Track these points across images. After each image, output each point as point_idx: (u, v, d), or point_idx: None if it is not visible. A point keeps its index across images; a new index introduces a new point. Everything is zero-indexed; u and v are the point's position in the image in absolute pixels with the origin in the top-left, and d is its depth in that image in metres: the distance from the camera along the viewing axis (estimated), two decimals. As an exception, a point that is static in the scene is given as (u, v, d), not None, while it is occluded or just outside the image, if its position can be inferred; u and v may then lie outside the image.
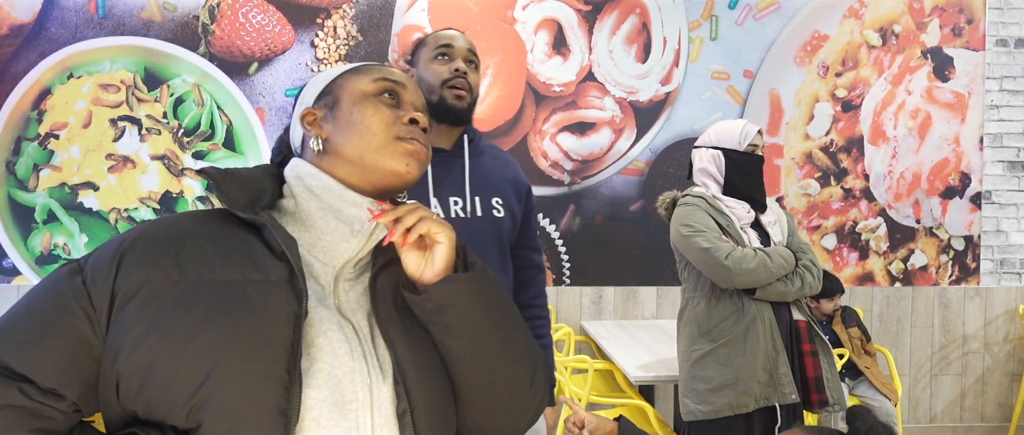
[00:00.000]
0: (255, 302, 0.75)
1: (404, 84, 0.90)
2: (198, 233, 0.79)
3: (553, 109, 3.62)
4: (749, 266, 1.97)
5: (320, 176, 0.84)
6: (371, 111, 0.85)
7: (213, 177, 0.81)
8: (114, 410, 0.75)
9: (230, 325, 0.73)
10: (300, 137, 0.90)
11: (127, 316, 0.72)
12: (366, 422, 0.76)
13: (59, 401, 0.72)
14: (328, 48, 3.51)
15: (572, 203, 3.65)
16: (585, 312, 3.66)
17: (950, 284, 3.83)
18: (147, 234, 0.77)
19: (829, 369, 2.11)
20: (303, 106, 0.90)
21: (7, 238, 3.39)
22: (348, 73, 0.90)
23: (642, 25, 3.66)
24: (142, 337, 0.71)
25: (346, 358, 0.77)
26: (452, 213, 1.49)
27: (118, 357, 0.72)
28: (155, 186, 3.44)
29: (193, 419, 0.71)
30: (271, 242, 0.80)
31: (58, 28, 3.38)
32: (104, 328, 0.73)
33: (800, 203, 3.76)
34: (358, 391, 0.77)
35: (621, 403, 2.82)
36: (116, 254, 0.75)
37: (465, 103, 1.49)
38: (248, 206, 0.81)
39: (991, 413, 3.86)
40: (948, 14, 3.79)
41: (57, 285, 0.75)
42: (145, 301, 0.73)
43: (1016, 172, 3.85)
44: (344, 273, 0.84)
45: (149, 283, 0.73)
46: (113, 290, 0.73)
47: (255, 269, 0.77)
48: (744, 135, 2.14)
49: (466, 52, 1.52)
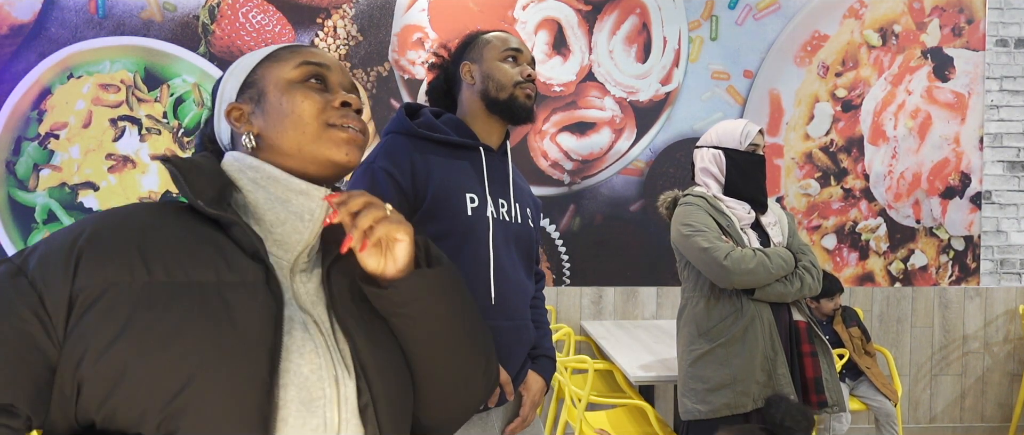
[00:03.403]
0: (234, 305, 0.71)
1: (329, 66, 0.86)
2: (159, 228, 0.74)
3: (553, 109, 3.62)
4: (748, 266, 1.97)
5: (263, 167, 0.81)
6: (300, 98, 0.82)
7: (178, 167, 0.77)
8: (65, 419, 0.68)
9: (210, 329, 0.69)
10: (228, 133, 0.86)
11: (91, 320, 0.67)
12: (333, 418, 0.74)
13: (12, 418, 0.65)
14: (328, 48, 3.51)
15: (572, 203, 3.65)
16: (585, 312, 3.66)
17: (950, 284, 3.83)
18: (103, 230, 0.71)
19: (828, 370, 2.11)
20: (226, 101, 0.86)
21: (7, 238, 3.39)
22: (267, 61, 0.85)
23: (642, 25, 3.66)
24: (111, 342, 0.66)
25: (311, 355, 0.75)
26: (501, 215, 1.49)
27: (81, 364, 0.66)
28: (155, 186, 3.45)
29: (165, 427, 0.66)
30: (239, 240, 0.77)
31: (58, 28, 3.38)
32: (62, 333, 0.67)
33: (800, 203, 3.76)
34: (325, 388, 0.75)
35: (621, 403, 2.82)
36: (71, 253, 0.69)
37: (532, 103, 1.53)
38: (215, 201, 0.77)
39: (991, 413, 3.86)
40: (948, 14, 3.79)
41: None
42: (112, 304, 0.67)
43: (1016, 172, 3.84)
44: (298, 264, 0.82)
45: (115, 285, 0.68)
46: (72, 293, 0.67)
47: (228, 269, 0.74)
48: (745, 135, 2.14)
49: (530, 59, 1.56)
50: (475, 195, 1.45)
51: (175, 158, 0.78)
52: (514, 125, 1.55)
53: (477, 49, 1.54)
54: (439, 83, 1.61)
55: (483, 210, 1.45)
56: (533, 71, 1.53)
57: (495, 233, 1.46)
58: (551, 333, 1.66)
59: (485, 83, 1.50)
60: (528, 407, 1.53)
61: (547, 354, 1.60)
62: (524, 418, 1.52)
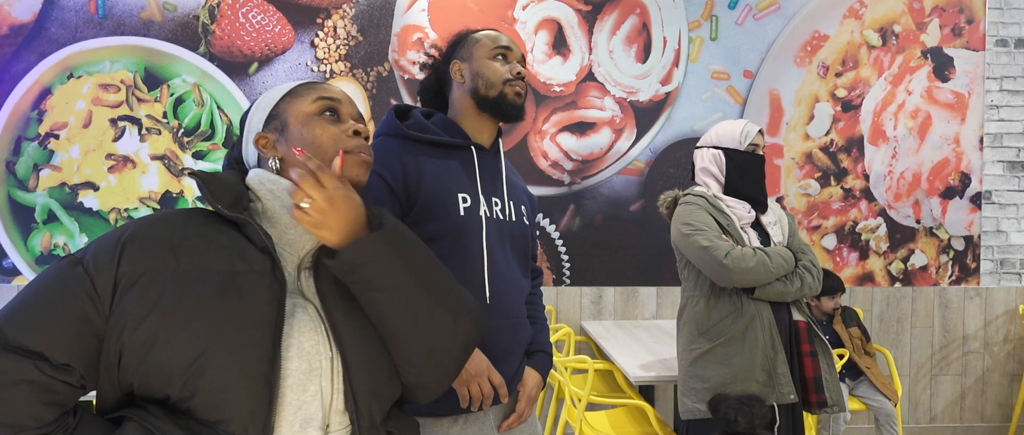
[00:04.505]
0: (243, 288, 0.88)
1: (340, 99, 1.02)
2: (189, 227, 0.91)
3: (553, 109, 3.62)
4: (748, 265, 1.97)
5: (280, 180, 0.98)
6: (318, 130, 0.98)
7: (203, 179, 0.93)
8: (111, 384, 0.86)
9: (223, 307, 0.85)
10: (255, 156, 1.03)
11: (130, 299, 0.83)
12: (327, 386, 0.92)
13: (70, 375, 0.82)
14: (328, 48, 3.51)
15: (572, 203, 3.65)
16: (585, 312, 3.66)
17: (950, 284, 3.83)
18: (144, 228, 0.88)
19: (828, 370, 2.11)
20: (253, 131, 1.02)
21: (7, 238, 3.39)
22: (288, 96, 1.02)
23: (642, 25, 3.66)
24: (144, 317, 0.83)
25: (312, 334, 0.92)
26: (494, 214, 1.49)
27: (122, 334, 0.83)
28: (155, 186, 3.45)
29: (189, 388, 0.83)
30: (252, 237, 0.93)
31: (58, 28, 3.38)
32: (107, 309, 0.84)
33: (800, 203, 3.76)
34: (322, 361, 0.92)
35: (621, 403, 2.82)
36: (117, 246, 0.86)
37: (522, 101, 1.53)
38: (233, 205, 0.94)
39: (991, 413, 3.86)
40: (948, 14, 3.79)
41: (60, 274, 0.85)
42: (146, 286, 0.84)
43: (1016, 172, 3.84)
44: (305, 262, 0.97)
45: (150, 271, 0.85)
46: (116, 277, 0.84)
47: (241, 260, 0.90)
48: (745, 135, 2.14)
49: (520, 57, 1.56)
50: (467, 195, 1.45)
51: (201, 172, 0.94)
52: (505, 123, 1.55)
53: (467, 48, 1.54)
54: (430, 83, 1.61)
55: (476, 209, 1.45)
56: (523, 69, 1.53)
57: (488, 232, 1.46)
58: (548, 328, 1.65)
59: (475, 81, 1.50)
60: (524, 402, 1.52)
61: (543, 349, 1.60)
62: (520, 414, 1.52)
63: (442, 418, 1.43)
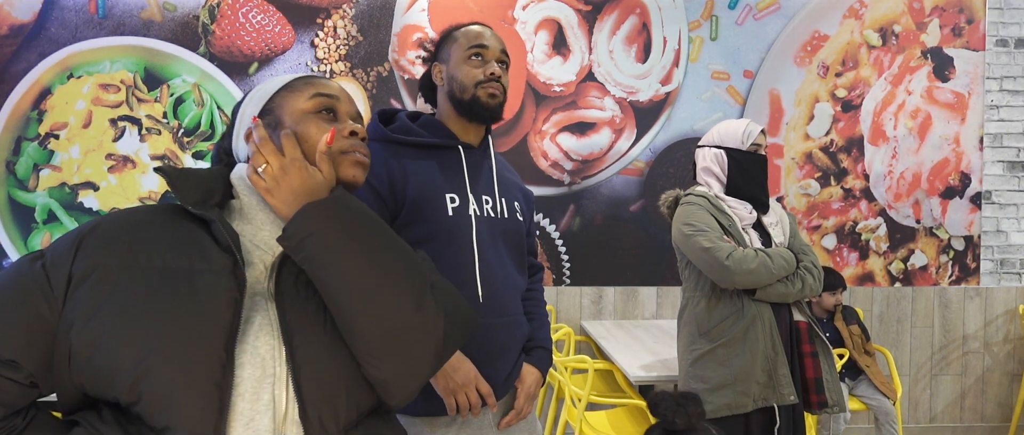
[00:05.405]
0: (199, 288, 0.82)
1: (338, 97, 0.97)
2: (152, 223, 0.87)
3: (553, 109, 3.62)
4: (750, 266, 1.97)
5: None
6: (314, 129, 0.93)
7: (169, 175, 0.90)
8: (66, 384, 0.82)
9: (172, 307, 0.80)
10: (245, 151, 0.97)
11: (81, 295, 0.80)
12: (281, 394, 0.84)
13: (16, 372, 0.79)
14: (328, 48, 3.51)
15: (572, 203, 3.65)
16: (585, 312, 3.66)
17: (950, 284, 3.83)
18: (105, 223, 0.86)
19: (829, 370, 2.11)
20: (245, 125, 0.97)
21: (7, 238, 3.39)
22: (283, 91, 0.97)
23: (642, 25, 3.66)
24: (93, 314, 0.79)
25: (268, 338, 0.86)
26: (485, 212, 1.49)
27: (71, 330, 0.79)
28: (155, 186, 3.44)
29: (134, 392, 0.78)
30: (218, 235, 0.88)
31: (58, 28, 3.38)
32: (60, 305, 0.80)
33: (800, 203, 3.76)
34: (276, 367, 0.85)
35: (621, 403, 2.83)
36: (76, 240, 0.83)
37: (497, 102, 1.49)
38: (199, 203, 0.89)
39: (991, 413, 3.87)
40: (948, 14, 3.79)
41: (19, 270, 0.83)
42: (98, 282, 0.80)
43: (1016, 172, 3.85)
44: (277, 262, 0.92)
45: (102, 266, 0.81)
46: (70, 272, 0.81)
47: (201, 258, 0.85)
48: (747, 135, 2.14)
49: (499, 53, 1.51)
50: (456, 194, 1.45)
51: (169, 168, 0.90)
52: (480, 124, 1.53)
53: (446, 48, 1.53)
54: (426, 79, 1.60)
55: (465, 209, 1.45)
56: (499, 69, 1.49)
57: (479, 231, 1.45)
58: (548, 324, 1.64)
59: (450, 84, 1.50)
60: (523, 399, 1.52)
61: (543, 345, 1.59)
62: (519, 410, 1.51)
63: (438, 418, 1.43)
